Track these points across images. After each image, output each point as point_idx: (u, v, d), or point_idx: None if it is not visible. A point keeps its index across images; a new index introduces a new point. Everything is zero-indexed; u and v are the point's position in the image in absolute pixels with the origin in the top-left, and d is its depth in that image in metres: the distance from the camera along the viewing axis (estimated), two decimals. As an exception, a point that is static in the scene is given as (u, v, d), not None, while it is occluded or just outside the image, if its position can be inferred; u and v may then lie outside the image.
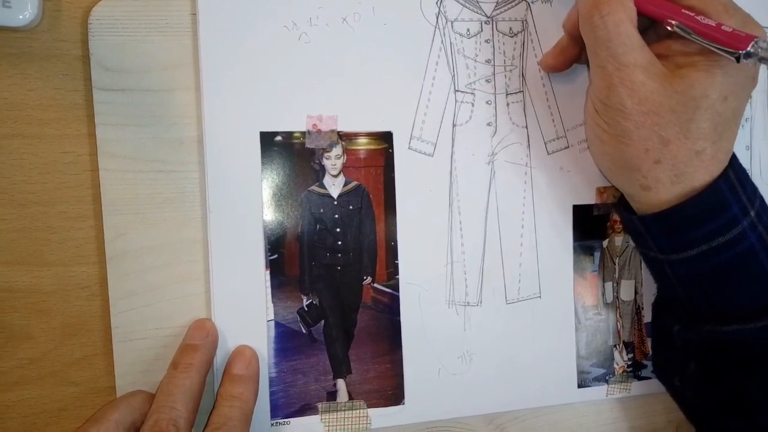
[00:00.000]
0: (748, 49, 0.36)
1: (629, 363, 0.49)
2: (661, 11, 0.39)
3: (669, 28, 0.39)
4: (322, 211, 0.43)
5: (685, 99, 0.37)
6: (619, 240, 0.49)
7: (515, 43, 0.46)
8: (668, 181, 0.39)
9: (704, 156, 0.38)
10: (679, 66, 0.39)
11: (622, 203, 0.44)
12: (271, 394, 0.42)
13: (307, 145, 0.43)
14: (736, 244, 0.39)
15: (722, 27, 0.37)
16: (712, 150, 0.39)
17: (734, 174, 0.39)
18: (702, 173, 0.39)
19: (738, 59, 0.36)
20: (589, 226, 0.48)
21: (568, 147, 0.47)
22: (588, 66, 0.41)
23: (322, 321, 0.43)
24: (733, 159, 0.40)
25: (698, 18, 0.38)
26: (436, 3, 0.45)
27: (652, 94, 0.37)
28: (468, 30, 0.45)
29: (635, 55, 0.38)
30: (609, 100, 0.38)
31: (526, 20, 0.46)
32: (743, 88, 0.39)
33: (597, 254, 0.48)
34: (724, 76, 0.38)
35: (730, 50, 0.37)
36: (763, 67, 0.39)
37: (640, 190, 0.40)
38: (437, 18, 0.45)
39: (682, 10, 0.39)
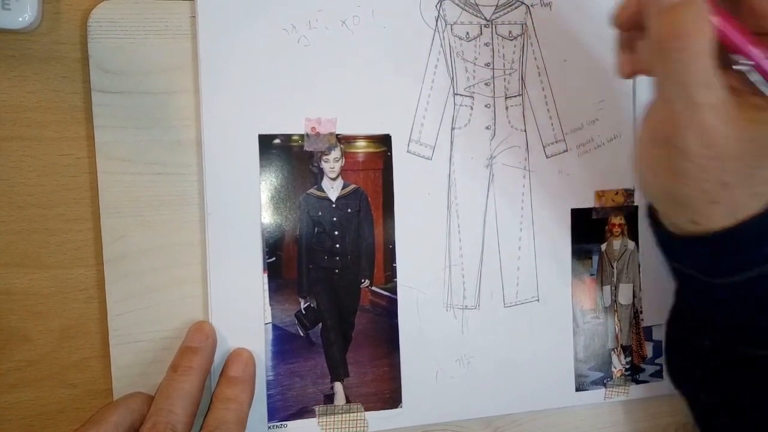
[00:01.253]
0: None
1: (627, 366, 0.49)
2: (739, 47, 0.34)
3: (736, 68, 0.35)
4: (320, 214, 0.43)
5: (756, 147, 0.34)
6: (617, 243, 0.49)
7: (515, 46, 0.46)
8: (720, 218, 0.35)
9: (762, 197, 0.35)
10: (754, 107, 0.35)
11: (653, 217, 0.40)
12: (269, 397, 0.42)
13: (306, 148, 0.43)
14: None
15: None
16: None
17: None
18: (755, 208, 0.35)
19: None
20: (587, 230, 0.48)
21: (567, 150, 0.47)
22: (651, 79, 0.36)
23: (320, 324, 0.43)
24: None
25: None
26: (436, 6, 0.45)
27: (721, 139, 0.33)
28: (467, 33, 0.45)
29: (709, 95, 0.33)
30: (672, 138, 0.34)
31: (525, 24, 0.46)
32: None
33: (595, 258, 0.48)
34: None
35: None
36: None
37: (687, 224, 0.36)
38: (437, 21, 0.45)
39: (756, 52, 0.34)
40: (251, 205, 0.42)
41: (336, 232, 0.44)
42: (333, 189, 0.44)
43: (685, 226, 0.37)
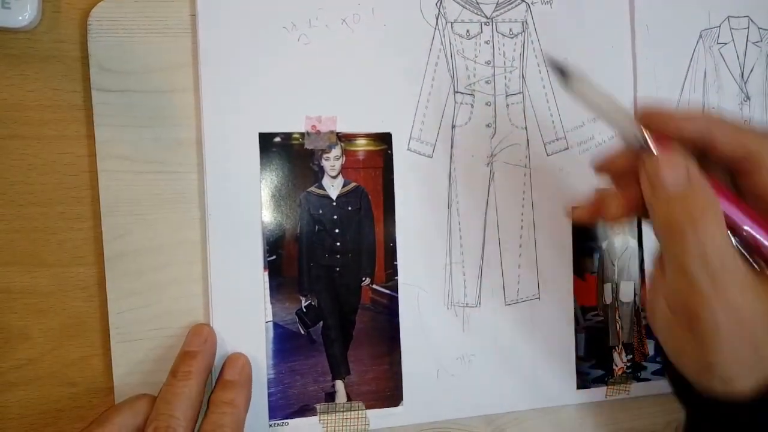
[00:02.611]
0: None
1: (628, 364, 0.49)
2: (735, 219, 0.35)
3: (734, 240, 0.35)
4: (320, 212, 0.43)
5: None
6: (618, 241, 0.49)
7: (515, 44, 0.46)
8: (755, 381, 0.35)
9: None
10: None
11: (671, 370, 0.39)
12: (270, 395, 0.42)
13: (306, 146, 0.43)
14: None
15: None
16: None
17: None
18: None
19: None
20: (588, 228, 0.48)
21: (568, 148, 0.47)
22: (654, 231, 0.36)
23: (321, 322, 0.43)
24: None
25: (747, 228, 0.35)
26: (436, 4, 0.45)
27: (749, 313, 0.33)
28: (468, 31, 0.45)
29: (733, 276, 0.33)
30: (699, 313, 0.34)
31: (526, 21, 0.46)
32: None
33: (596, 255, 0.48)
34: None
35: None
36: (759, 64, 0.37)
37: (718, 384, 0.35)
38: (437, 19, 0.45)
39: (747, 228, 0.35)
40: (252, 203, 0.42)
41: (336, 230, 0.44)
42: (333, 187, 0.44)
43: (715, 386, 0.36)
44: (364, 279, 0.44)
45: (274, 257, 0.42)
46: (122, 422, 0.36)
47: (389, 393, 0.44)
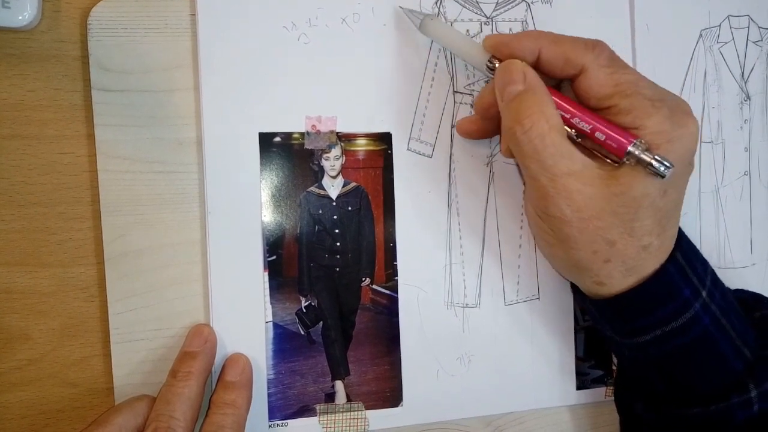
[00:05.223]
0: (627, 150, 0.36)
1: (628, 365, 0.49)
2: (564, 114, 0.38)
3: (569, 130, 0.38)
4: (320, 212, 0.43)
5: (625, 200, 0.36)
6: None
7: (515, 44, 0.46)
8: (620, 276, 0.38)
9: (651, 249, 0.37)
10: (615, 167, 0.37)
11: (575, 286, 0.43)
12: (269, 395, 0.42)
13: (306, 146, 0.43)
14: (691, 328, 0.37)
15: (595, 134, 0.37)
16: (658, 242, 0.37)
17: (682, 254, 0.38)
18: (652, 263, 0.38)
19: (618, 162, 0.37)
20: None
21: (568, 148, 0.47)
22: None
23: (321, 322, 0.43)
24: (681, 237, 0.39)
25: (575, 121, 0.37)
26: (436, 3, 0.44)
27: (590, 200, 0.36)
28: (467, 31, 0.45)
29: (566, 163, 0.36)
30: (548, 210, 0.37)
31: (525, 21, 0.46)
32: (681, 177, 0.38)
33: (596, 256, 0.48)
34: None
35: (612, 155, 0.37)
36: (760, 63, 0.38)
37: (594, 286, 0.39)
38: (437, 19, 0.45)
39: (575, 117, 0.37)
40: (252, 203, 0.42)
41: (336, 230, 0.44)
42: (333, 187, 0.44)
43: (594, 288, 0.39)
44: (363, 279, 0.44)
45: (274, 257, 0.42)
46: (122, 423, 0.37)
47: (389, 393, 0.44)
